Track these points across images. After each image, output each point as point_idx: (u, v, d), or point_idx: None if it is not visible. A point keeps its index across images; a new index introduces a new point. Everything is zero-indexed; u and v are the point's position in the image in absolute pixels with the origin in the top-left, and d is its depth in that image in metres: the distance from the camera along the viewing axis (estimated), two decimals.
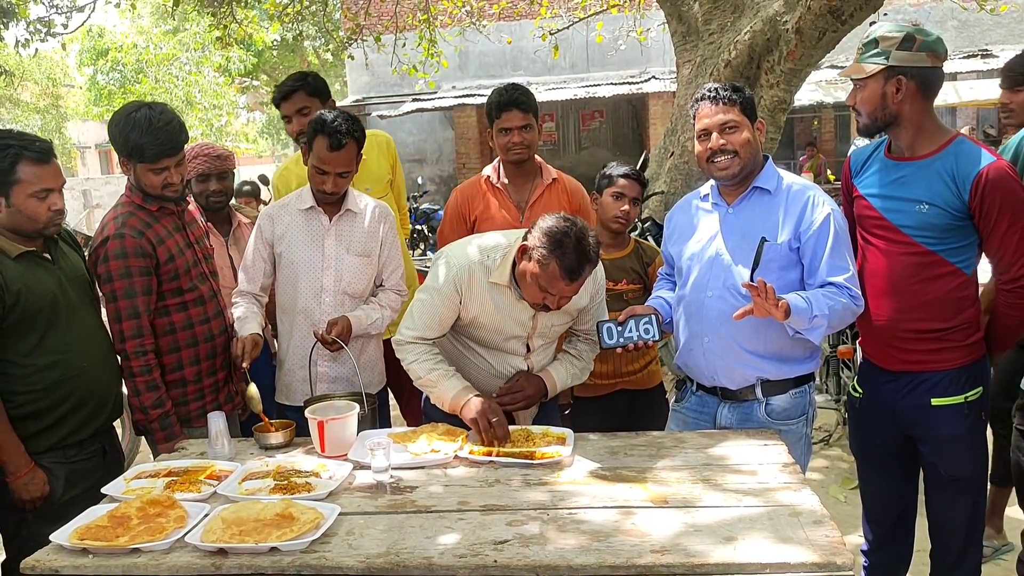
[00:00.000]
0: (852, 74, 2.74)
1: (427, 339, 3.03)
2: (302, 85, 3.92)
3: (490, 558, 2.13)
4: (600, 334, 2.93)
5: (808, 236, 2.79)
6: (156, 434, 3.11)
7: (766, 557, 2.06)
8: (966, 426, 2.79)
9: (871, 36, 2.70)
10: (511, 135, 3.65)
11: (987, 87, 14.47)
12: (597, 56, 17.34)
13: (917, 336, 2.76)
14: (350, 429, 2.89)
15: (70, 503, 2.79)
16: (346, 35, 11.09)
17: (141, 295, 3.03)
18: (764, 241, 2.80)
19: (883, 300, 2.81)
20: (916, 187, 2.70)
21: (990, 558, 3.79)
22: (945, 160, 2.67)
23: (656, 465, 2.67)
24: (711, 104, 2.86)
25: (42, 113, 28.60)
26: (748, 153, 2.84)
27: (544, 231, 2.72)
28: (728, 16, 5.72)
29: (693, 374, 3.06)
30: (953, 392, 2.76)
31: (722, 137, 2.83)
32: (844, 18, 4.82)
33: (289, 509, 2.33)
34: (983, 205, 2.61)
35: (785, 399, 2.92)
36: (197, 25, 21.58)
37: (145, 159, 3.00)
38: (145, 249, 3.03)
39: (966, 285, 2.74)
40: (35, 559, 2.25)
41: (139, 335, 3.04)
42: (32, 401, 2.86)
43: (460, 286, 2.92)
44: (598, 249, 2.76)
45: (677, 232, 3.10)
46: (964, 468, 2.84)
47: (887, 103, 2.70)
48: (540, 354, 3.13)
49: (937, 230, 2.67)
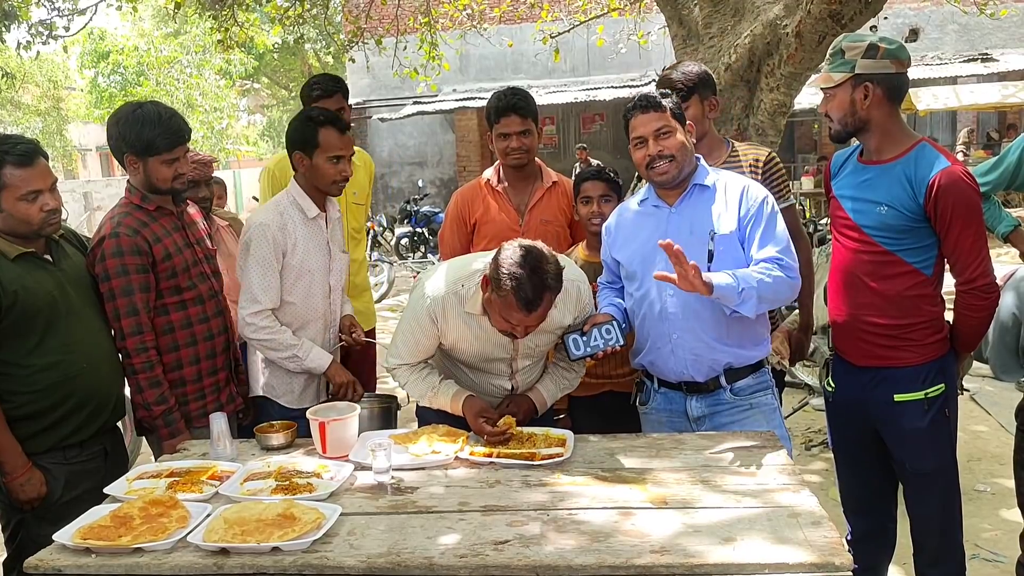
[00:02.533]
0: (821, 84, 2.87)
1: (414, 364, 3.09)
2: (341, 88, 4.10)
3: (491, 558, 2.14)
4: (567, 346, 2.95)
5: (746, 221, 2.88)
6: (160, 431, 3.12)
7: (765, 558, 2.08)
8: (926, 421, 2.87)
9: (837, 47, 2.82)
10: (510, 140, 3.67)
11: (988, 91, 14.46)
12: (598, 59, 17.36)
13: (877, 331, 2.89)
14: (351, 430, 2.90)
15: (71, 504, 2.80)
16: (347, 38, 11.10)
17: (139, 292, 3.04)
18: (714, 234, 2.88)
19: (846, 294, 2.95)
20: (878, 189, 2.83)
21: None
22: (906, 164, 2.79)
23: (655, 466, 2.68)
24: (642, 112, 2.92)
25: (43, 116, 28.60)
26: (684, 155, 2.91)
27: (500, 262, 2.71)
28: (728, 20, 5.73)
29: (660, 372, 3.08)
30: (914, 388, 2.87)
31: (657, 144, 2.88)
32: (844, 22, 4.83)
33: (291, 509, 2.35)
34: (937, 208, 2.72)
35: (747, 380, 3.01)
36: (198, 28, 21.61)
37: (159, 151, 3.05)
38: (141, 247, 3.04)
39: (925, 284, 2.84)
40: (38, 558, 2.26)
41: (139, 332, 3.05)
42: (31, 402, 2.87)
43: (435, 317, 2.95)
44: (558, 275, 2.72)
45: (620, 239, 3.12)
46: (926, 463, 2.93)
47: (856, 109, 2.82)
48: (526, 373, 3.15)
49: (894, 231, 2.80)
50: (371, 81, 18.53)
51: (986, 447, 5.32)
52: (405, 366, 3.08)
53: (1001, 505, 4.42)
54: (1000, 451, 5.16)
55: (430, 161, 19.89)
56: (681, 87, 3.37)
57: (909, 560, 3.16)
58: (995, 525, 4.24)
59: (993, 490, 4.68)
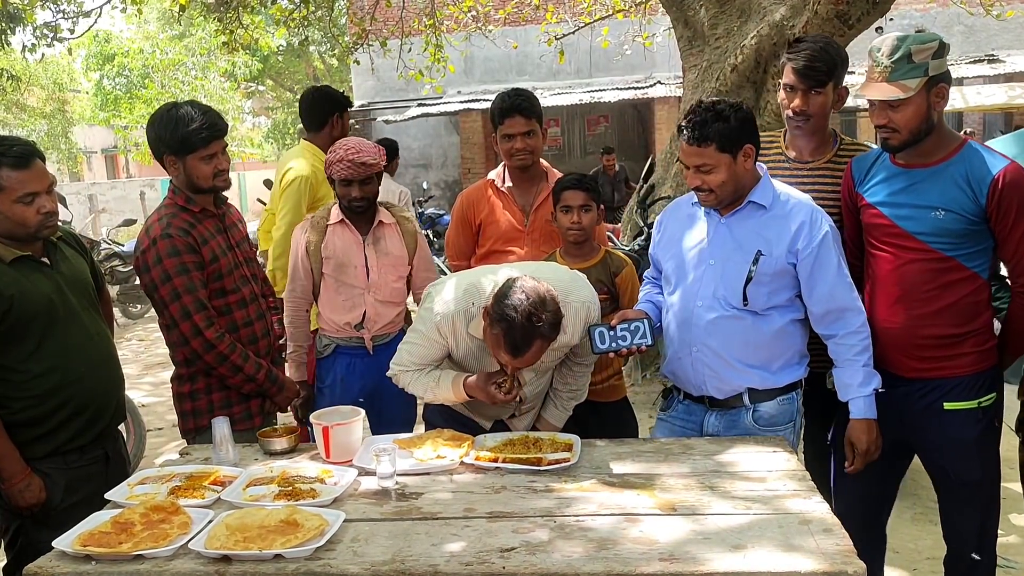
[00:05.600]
0: (892, 95, 2.62)
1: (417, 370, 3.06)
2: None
3: (496, 566, 2.11)
4: (592, 339, 2.91)
5: (804, 255, 2.76)
6: (271, 392, 3.28)
7: (775, 565, 2.04)
8: (977, 431, 2.78)
9: (900, 53, 2.60)
10: (514, 141, 3.65)
11: (994, 92, 14.41)
12: (603, 61, 17.32)
13: (933, 343, 2.74)
14: (355, 435, 2.87)
15: (71, 509, 2.76)
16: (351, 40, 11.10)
17: (201, 288, 3.11)
18: (760, 255, 2.78)
19: (897, 308, 2.78)
20: (929, 193, 2.68)
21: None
22: (958, 165, 2.66)
23: (664, 471, 2.65)
24: (686, 144, 2.79)
25: (48, 118, 28.61)
26: (725, 191, 2.78)
27: (498, 298, 2.66)
28: (734, 21, 5.71)
29: (681, 383, 3.03)
30: (967, 397, 2.75)
31: (698, 176, 2.79)
32: (851, 23, 4.81)
33: (294, 515, 2.32)
34: (1000, 208, 2.60)
35: (772, 406, 2.90)
36: (203, 30, 21.65)
37: (196, 146, 3.09)
38: (193, 246, 3.10)
39: (981, 290, 2.73)
40: (37, 565, 2.23)
41: (211, 323, 3.12)
42: (30, 407, 2.84)
43: (444, 332, 2.93)
44: (555, 324, 2.67)
45: (665, 239, 3.06)
46: (972, 473, 2.82)
47: (930, 115, 2.65)
48: (533, 385, 3.09)
49: (953, 235, 2.66)
50: (375, 83, 18.50)
51: (1000, 451, 5.27)
52: (408, 372, 3.05)
53: (1012, 509, 4.38)
54: (1012, 455, 5.10)
55: (435, 163, 19.85)
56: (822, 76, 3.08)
57: (919, 565, 3.12)
58: (1007, 530, 4.20)
59: (1006, 495, 4.64)
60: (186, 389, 3.26)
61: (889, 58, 2.62)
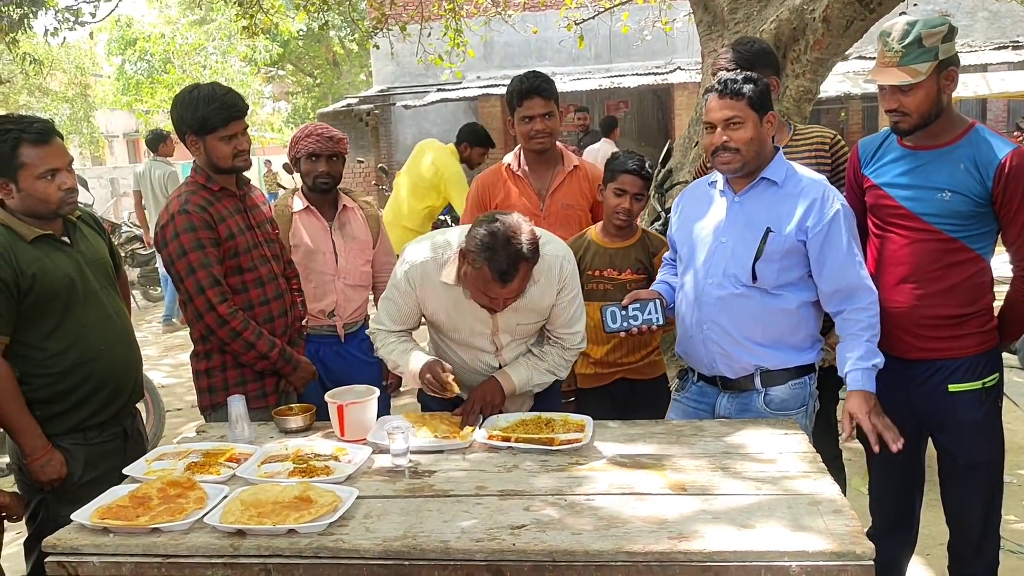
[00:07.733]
0: (902, 80, 2.62)
1: (393, 331, 3.10)
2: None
3: (507, 543, 2.13)
4: (604, 318, 2.92)
5: (814, 233, 2.75)
6: (285, 371, 3.30)
7: (784, 545, 2.05)
8: (982, 412, 2.79)
9: (910, 38, 2.60)
10: (533, 123, 3.65)
11: (1018, 78, 14.23)
12: (622, 46, 17.24)
13: (937, 323, 2.75)
14: (370, 413, 2.89)
15: (90, 484, 2.81)
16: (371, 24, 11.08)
17: (216, 264, 3.13)
18: (769, 232, 2.77)
19: (903, 288, 2.79)
20: (937, 175, 2.69)
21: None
22: (966, 147, 2.67)
23: (674, 453, 2.66)
24: (718, 97, 2.79)
25: (71, 102, 28.82)
26: (751, 151, 2.77)
27: (473, 234, 2.68)
28: (754, 5, 5.66)
29: (693, 363, 3.04)
30: (971, 378, 2.76)
31: (725, 133, 2.77)
32: (872, 7, 4.76)
33: (307, 492, 2.34)
34: (1006, 192, 2.61)
35: (784, 390, 2.90)
36: (223, 15, 21.70)
37: (216, 126, 3.11)
38: (210, 223, 3.13)
39: (984, 272, 2.75)
40: (56, 537, 2.28)
41: (225, 299, 3.14)
42: (50, 384, 2.89)
43: (414, 283, 2.95)
44: (534, 245, 2.68)
45: (682, 218, 3.06)
46: (980, 454, 2.84)
47: (940, 98, 2.66)
48: (512, 350, 3.09)
49: (959, 217, 2.67)
50: (395, 68, 18.51)
51: (1013, 438, 5.21)
52: (384, 331, 3.09)
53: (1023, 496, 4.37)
54: (1020, 440, 5.10)
55: None
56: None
57: (932, 551, 3.12)
58: (1021, 516, 4.19)
59: (1019, 481, 4.63)
60: (203, 366, 3.30)
61: (900, 43, 2.61)
